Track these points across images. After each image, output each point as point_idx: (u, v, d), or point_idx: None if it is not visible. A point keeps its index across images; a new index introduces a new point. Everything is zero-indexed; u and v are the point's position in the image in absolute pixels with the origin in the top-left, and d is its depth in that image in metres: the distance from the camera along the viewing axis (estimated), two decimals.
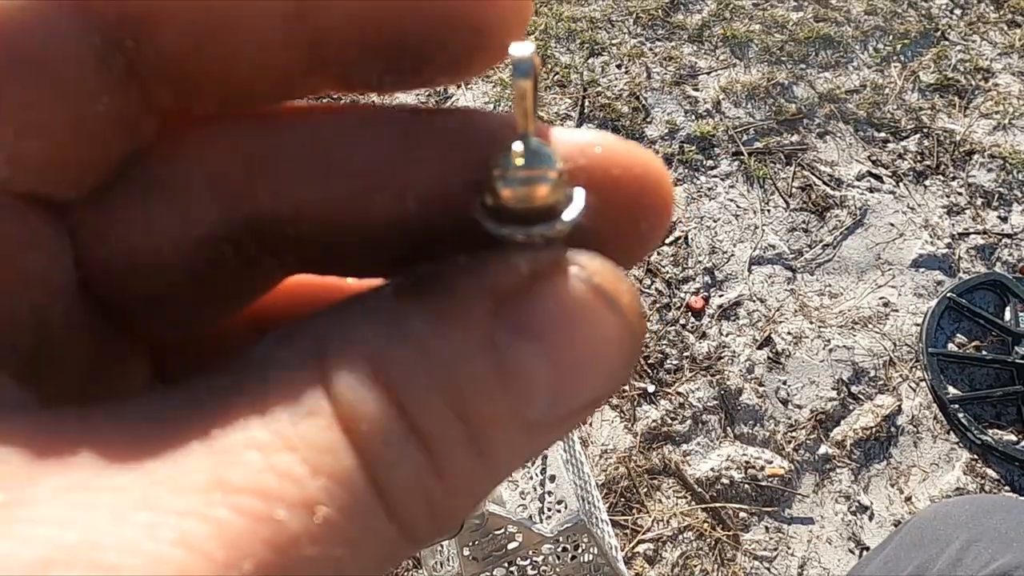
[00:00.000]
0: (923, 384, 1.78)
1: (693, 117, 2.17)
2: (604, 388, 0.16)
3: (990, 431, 1.71)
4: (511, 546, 1.12)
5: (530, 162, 0.17)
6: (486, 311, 0.16)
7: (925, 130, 2.14)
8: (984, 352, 1.80)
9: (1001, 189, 2.03)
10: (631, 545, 1.59)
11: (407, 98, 2.18)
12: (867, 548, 1.60)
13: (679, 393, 1.75)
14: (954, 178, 2.06)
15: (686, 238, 1.97)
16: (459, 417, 0.15)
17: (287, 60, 0.17)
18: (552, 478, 1.39)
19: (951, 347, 1.82)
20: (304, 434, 0.14)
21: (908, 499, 1.66)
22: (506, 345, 0.16)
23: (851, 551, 1.60)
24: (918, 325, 1.84)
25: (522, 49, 0.17)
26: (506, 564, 1.18)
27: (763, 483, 1.65)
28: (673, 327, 1.84)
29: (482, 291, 0.16)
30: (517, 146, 0.17)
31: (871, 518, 1.64)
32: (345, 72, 0.18)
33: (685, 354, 1.80)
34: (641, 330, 0.17)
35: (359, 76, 0.18)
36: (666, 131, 2.14)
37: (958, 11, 2.36)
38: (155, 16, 0.16)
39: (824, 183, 2.05)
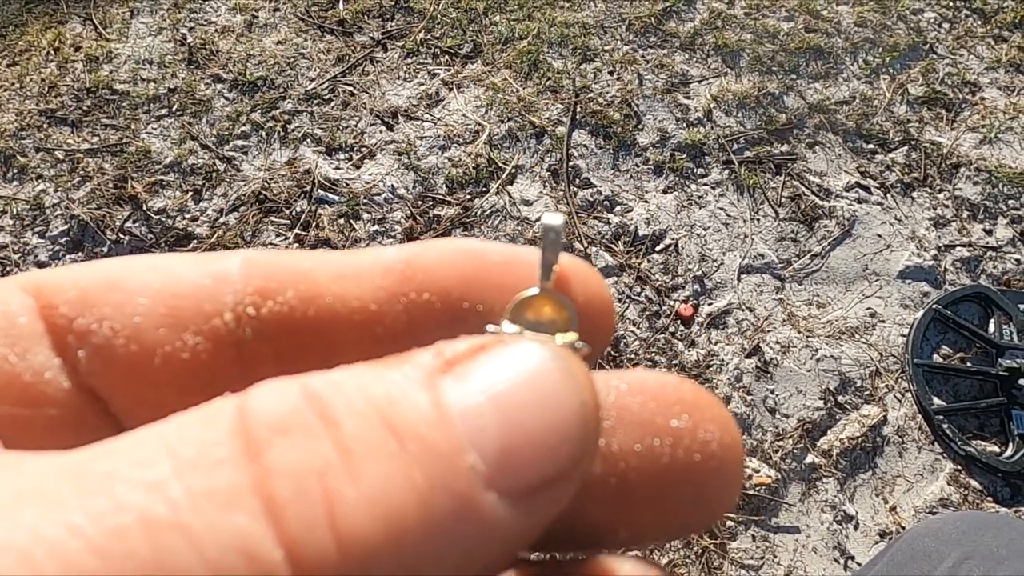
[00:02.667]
0: (908, 395, 1.79)
1: (684, 125, 2.17)
2: (560, 462, 0.16)
3: (974, 442, 1.73)
4: None
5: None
6: (431, 358, 0.16)
7: (913, 142, 2.16)
8: (968, 364, 1.82)
9: (987, 202, 2.06)
10: (619, 553, 1.59)
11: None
12: (852, 557, 1.62)
13: None
14: (941, 191, 2.09)
15: (676, 246, 1.97)
16: (385, 427, 0.15)
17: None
18: None
19: (936, 358, 1.84)
20: (189, 435, 0.15)
21: (893, 509, 1.67)
22: (448, 387, 0.16)
23: (836, 560, 1.61)
24: (904, 336, 1.86)
25: (554, 220, 0.20)
26: None
27: (750, 492, 1.65)
28: (662, 335, 1.85)
29: (430, 349, 0.17)
30: (532, 292, 0.20)
31: (856, 527, 1.65)
32: None
33: (674, 362, 1.81)
34: (597, 419, 0.17)
35: None
36: (657, 138, 2.15)
37: (946, 25, 2.39)
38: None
39: (813, 193, 2.07)
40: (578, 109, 2.19)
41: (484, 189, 2.05)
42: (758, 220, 2.03)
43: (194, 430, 0.15)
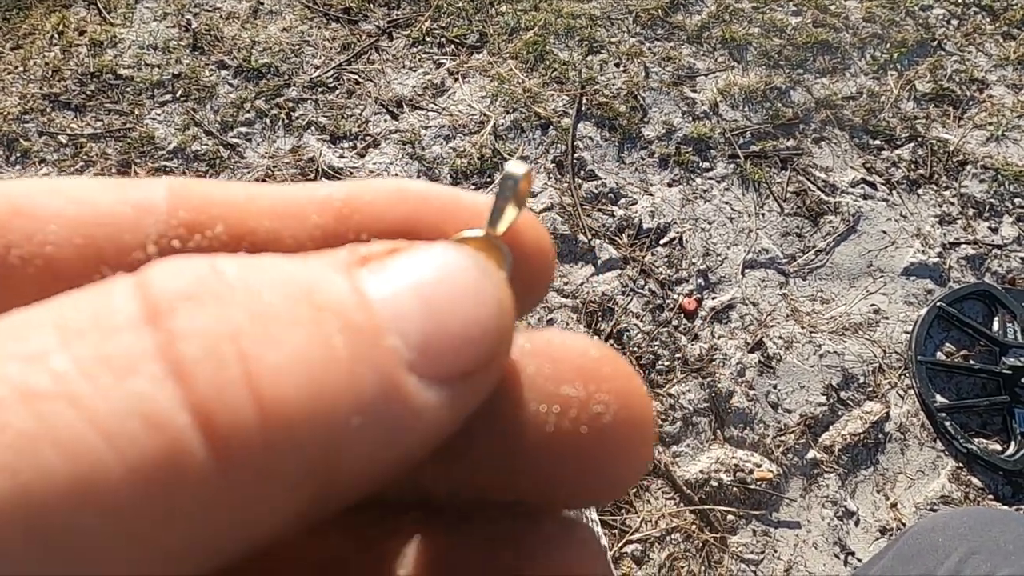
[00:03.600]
0: (911, 392, 1.79)
1: (690, 118, 2.16)
2: (480, 353, 0.15)
3: (976, 440, 1.73)
4: None
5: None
6: (347, 253, 0.16)
7: (919, 139, 2.15)
8: (972, 361, 1.82)
9: (992, 200, 2.05)
10: (619, 545, 1.59)
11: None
12: (852, 553, 1.62)
13: (670, 394, 1.75)
14: (947, 188, 2.08)
15: (680, 239, 1.97)
16: (306, 303, 0.14)
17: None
18: None
19: (939, 356, 1.84)
20: (79, 305, 0.13)
21: (894, 505, 1.67)
22: (366, 277, 0.15)
23: (836, 556, 1.61)
24: (908, 333, 1.86)
25: (516, 168, 0.20)
26: None
27: (751, 486, 1.65)
28: (665, 328, 1.84)
29: (345, 247, 0.16)
30: (473, 232, 0.20)
31: (857, 524, 1.65)
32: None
33: (677, 355, 1.80)
34: (512, 317, 0.17)
35: None
36: (663, 131, 2.14)
37: (955, 21, 2.38)
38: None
39: (819, 189, 2.06)
40: (584, 101, 2.18)
41: (488, 180, 2.04)
42: (763, 215, 2.02)
43: (85, 301, 0.14)
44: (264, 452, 0.13)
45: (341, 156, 2.08)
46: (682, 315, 1.87)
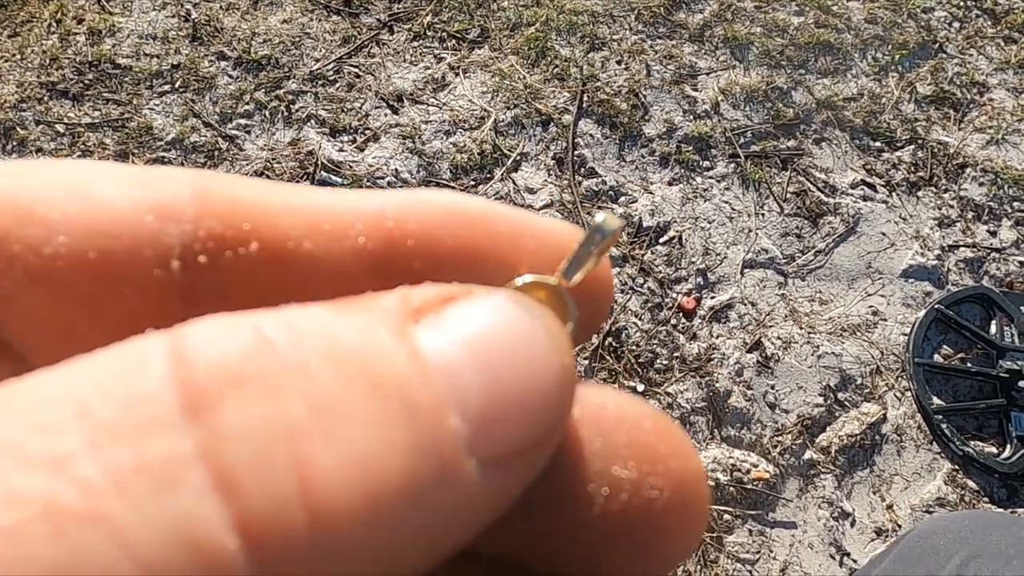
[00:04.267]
0: (908, 394, 1.79)
1: (691, 117, 2.16)
2: (540, 428, 0.14)
3: (972, 443, 1.73)
4: None
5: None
6: (397, 302, 0.14)
7: (920, 141, 2.15)
8: (969, 364, 1.82)
9: (992, 203, 2.05)
10: None
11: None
12: (847, 554, 1.62)
13: (668, 393, 1.75)
14: (946, 190, 2.08)
15: (680, 238, 1.97)
16: (364, 380, 0.12)
17: None
18: None
19: (937, 358, 1.84)
20: (107, 386, 0.11)
21: (890, 507, 1.67)
22: (423, 336, 0.14)
23: (832, 556, 1.62)
24: (905, 335, 1.86)
25: (610, 222, 0.18)
26: None
27: (748, 486, 1.65)
28: (664, 327, 1.84)
29: (394, 293, 0.15)
30: (547, 279, 0.18)
31: (853, 525, 1.65)
32: None
33: (675, 354, 1.80)
34: (575, 384, 0.15)
35: None
36: (664, 130, 2.13)
37: (956, 24, 2.38)
38: None
39: (819, 189, 2.06)
40: (585, 98, 2.18)
41: (488, 176, 2.04)
42: (763, 215, 2.02)
43: (114, 379, 0.12)
44: (314, 563, 0.11)
45: (341, 150, 2.07)
46: (681, 314, 1.87)
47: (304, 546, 0.11)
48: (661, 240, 1.97)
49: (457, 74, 2.23)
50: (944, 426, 1.73)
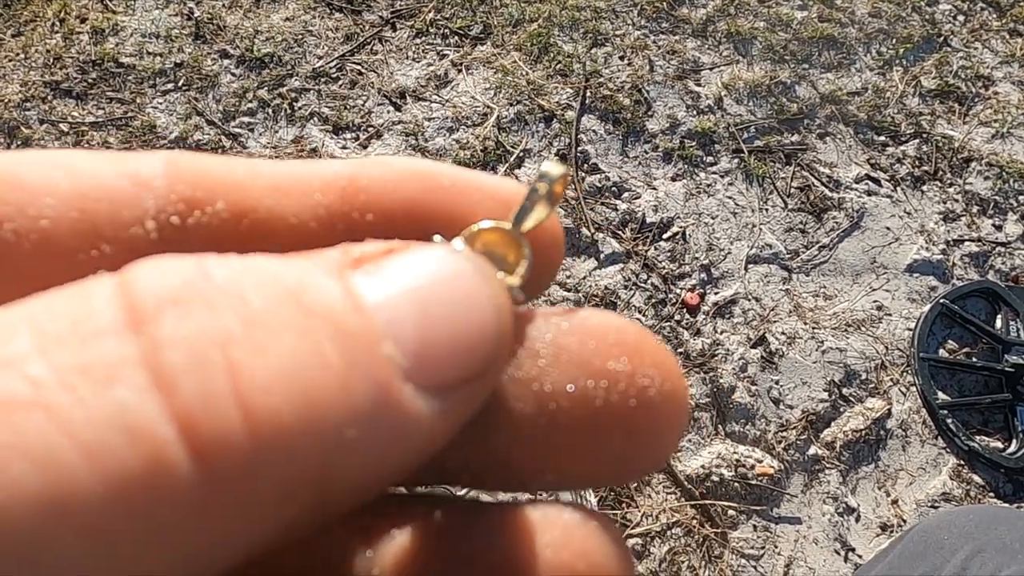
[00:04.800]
0: (913, 388, 1.79)
1: (695, 112, 2.16)
2: (477, 361, 0.15)
3: (977, 437, 1.72)
4: None
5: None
6: (339, 254, 0.16)
7: (924, 135, 2.14)
8: (974, 359, 1.81)
9: (997, 197, 2.04)
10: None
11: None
12: (852, 549, 1.62)
13: None
14: (951, 184, 2.07)
15: (684, 234, 1.96)
16: (296, 307, 0.13)
17: None
18: None
19: (942, 353, 1.83)
20: (58, 308, 0.13)
21: (895, 502, 1.67)
22: (360, 279, 0.15)
23: (837, 552, 1.61)
24: (910, 330, 1.85)
25: (554, 169, 0.19)
26: None
27: (752, 482, 1.65)
28: (668, 323, 1.84)
29: (337, 248, 0.16)
30: (501, 224, 0.19)
31: (858, 520, 1.65)
32: None
33: (679, 350, 1.80)
34: (511, 324, 0.16)
35: None
36: (667, 125, 2.13)
37: (961, 17, 2.37)
38: None
39: (823, 184, 2.05)
40: (588, 94, 2.17)
41: (492, 172, 2.03)
42: (767, 210, 2.02)
43: (65, 303, 0.13)
44: (252, 465, 0.12)
45: (344, 147, 2.07)
46: (684, 310, 1.86)
47: (243, 442, 0.12)
48: (664, 236, 1.96)
49: (460, 71, 2.23)
50: (949, 421, 1.72)
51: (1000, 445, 1.73)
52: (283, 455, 0.12)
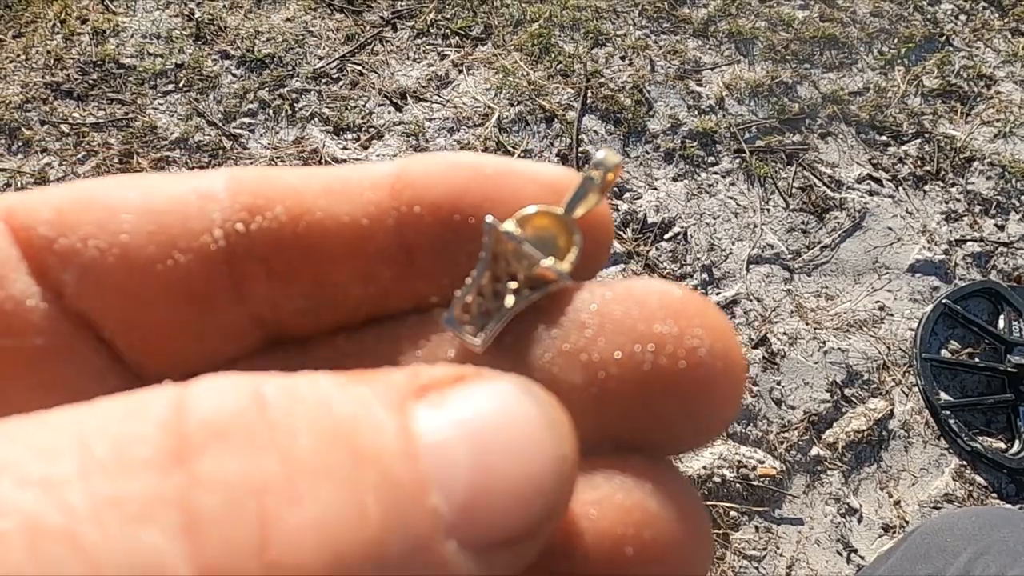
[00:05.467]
0: (915, 389, 1.78)
1: (696, 112, 2.15)
2: (531, 519, 0.14)
3: (980, 438, 1.72)
4: None
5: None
6: (405, 378, 0.15)
7: (926, 135, 2.14)
8: (977, 359, 1.81)
9: (999, 197, 2.04)
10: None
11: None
12: (855, 550, 1.61)
13: None
14: (953, 184, 2.07)
15: (685, 234, 1.96)
16: (346, 450, 0.13)
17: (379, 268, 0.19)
18: None
19: (944, 353, 1.83)
20: (109, 426, 0.13)
21: (897, 503, 1.66)
22: (421, 415, 0.14)
23: (839, 553, 1.61)
24: (912, 330, 1.85)
25: (611, 157, 0.19)
26: None
27: (754, 483, 1.65)
28: None
29: (406, 370, 0.15)
30: (553, 209, 0.19)
31: (860, 521, 1.64)
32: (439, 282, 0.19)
33: None
34: (574, 477, 0.15)
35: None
36: (668, 125, 2.13)
37: (963, 17, 2.36)
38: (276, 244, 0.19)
39: (824, 184, 2.05)
40: (589, 94, 2.17)
41: None
42: (768, 210, 2.01)
43: (117, 420, 0.13)
44: None
45: (344, 148, 2.07)
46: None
47: None
48: (666, 236, 1.96)
49: (460, 71, 2.22)
50: (952, 421, 1.72)
51: (1003, 446, 1.72)
52: None
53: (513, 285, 0.19)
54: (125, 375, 0.19)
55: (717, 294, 1.88)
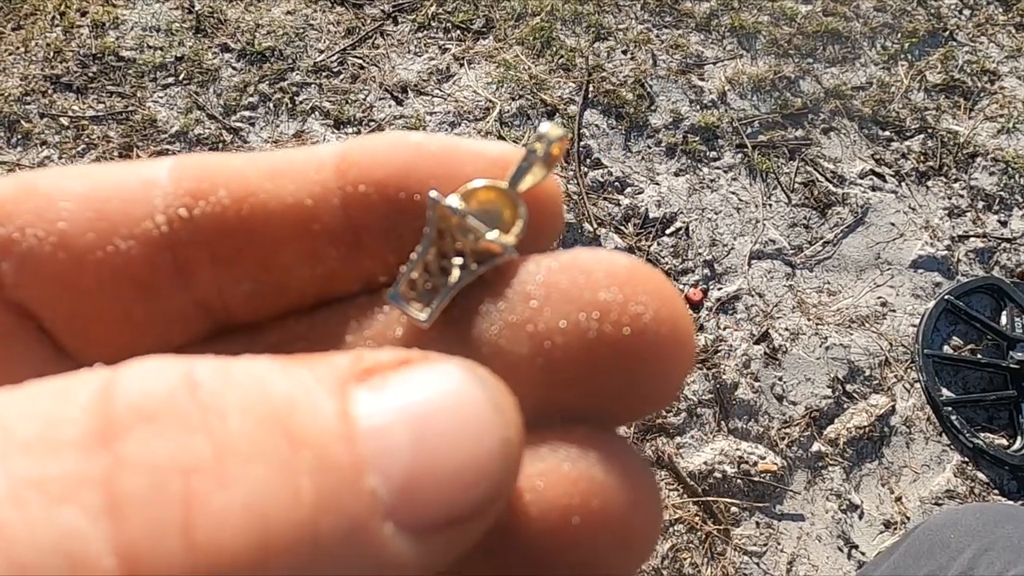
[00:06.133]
0: (917, 385, 1.78)
1: (698, 107, 2.14)
2: (475, 501, 0.14)
3: (982, 434, 1.71)
4: None
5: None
6: (348, 362, 0.15)
7: (929, 130, 2.13)
8: (979, 356, 1.80)
9: (1002, 193, 2.03)
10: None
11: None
12: (856, 546, 1.61)
13: None
14: (956, 180, 2.06)
15: (687, 229, 1.95)
16: (281, 434, 0.13)
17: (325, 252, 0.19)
18: None
19: (946, 349, 1.82)
20: (35, 408, 0.13)
21: (898, 499, 1.66)
22: (361, 398, 0.14)
23: (840, 549, 1.60)
24: (915, 326, 1.84)
25: (554, 130, 0.19)
26: None
27: (755, 478, 1.64)
28: None
29: (350, 354, 0.15)
30: (498, 183, 0.19)
31: (861, 517, 1.64)
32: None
33: None
34: (519, 461, 0.15)
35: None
36: (670, 120, 2.12)
37: (967, 11, 2.35)
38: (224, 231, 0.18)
39: (827, 180, 2.04)
40: (590, 88, 2.16)
41: None
42: (770, 205, 2.01)
43: (44, 403, 0.13)
44: None
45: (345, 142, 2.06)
46: (688, 306, 1.85)
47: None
48: (667, 231, 1.95)
49: (461, 65, 2.21)
50: (954, 418, 1.71)
51: (1005, 442, 1.72)
52: None
53: (459, 260, 0.19)
54: (68, 366, 0.18)
55: (719, 289, 1.87)
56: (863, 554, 1.60)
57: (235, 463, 0.12)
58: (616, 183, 2.01)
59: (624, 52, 2.25)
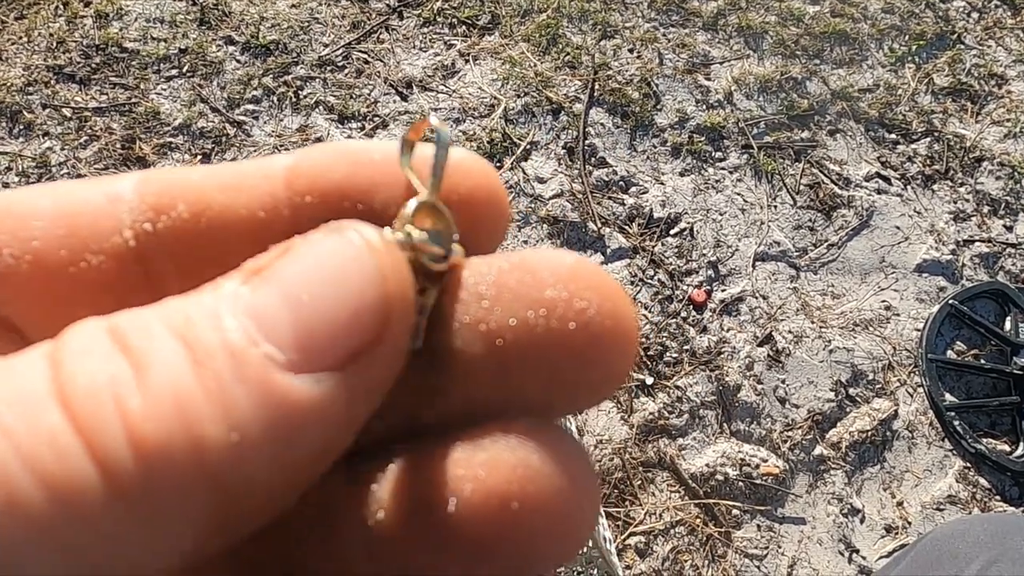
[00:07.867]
0: (920, 390, 1.77)
1: (704, 107, 2.13)
2: (362, 334, 0.16)
3: (984, 440, 1.71)
4: None
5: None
6: (237, 272, 0.17)
7: (936, 134, 2.12)
8: (983, 361, 1.80)
9: (1008, 198, 2.02)
10: (623, 537, 1.58)
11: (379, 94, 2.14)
12: (857, 551, 1.60)
13: (677, 387, 1.73)
14: (962, 184, 2.05)
15: (691, 230, 1.94)
16: (176, 336, 0.15)
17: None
18: None
19: (950, 354, 1.82)
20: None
21: (900, 504, 1.66)
22: (243, 294, 0.16)
23: (841, 553, 1.60)
24: (918, 330, 1.84)
25: (444, 129, 0.20)
26: None
27: (757, 481, 1.64)
28: (674, 319, 1.82)
29: (243, 265, 0.17)
30: (412, 204, 0.20)
31: (862, 521, 1.64)
32: None
33: (685, 347, 1.78)
34: (401, 284, 0.17)
35: None
36: (676, 119, 2.11)
37: (975, 15, 2.34)
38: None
39: (832, 182, 2.03)
40: (596, 86, 2.15)
41: (498, 164, 2.01)
42: (775, 207, 2.00)
43: (6, 373, 0.15)
44: (147, 484, 0.14)
45: (349, 137, 2.05)
46: (691, 307, 1.85)
47: (132, 461, 0.14)
48: (672, 232, 1.94)
49: (467, 61, 2.20)
50: (956, 423, 1.71)
51: (1007, 448, 1.71)
52: (172, 470, 0.14)
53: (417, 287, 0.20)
54: None
55: (723, 291, 1.87)
56: (864, 558, 1.60)
57: (147, 372, 0.14)
58: (621, 182, 2.00)
59: (630, 50, 2.24)
